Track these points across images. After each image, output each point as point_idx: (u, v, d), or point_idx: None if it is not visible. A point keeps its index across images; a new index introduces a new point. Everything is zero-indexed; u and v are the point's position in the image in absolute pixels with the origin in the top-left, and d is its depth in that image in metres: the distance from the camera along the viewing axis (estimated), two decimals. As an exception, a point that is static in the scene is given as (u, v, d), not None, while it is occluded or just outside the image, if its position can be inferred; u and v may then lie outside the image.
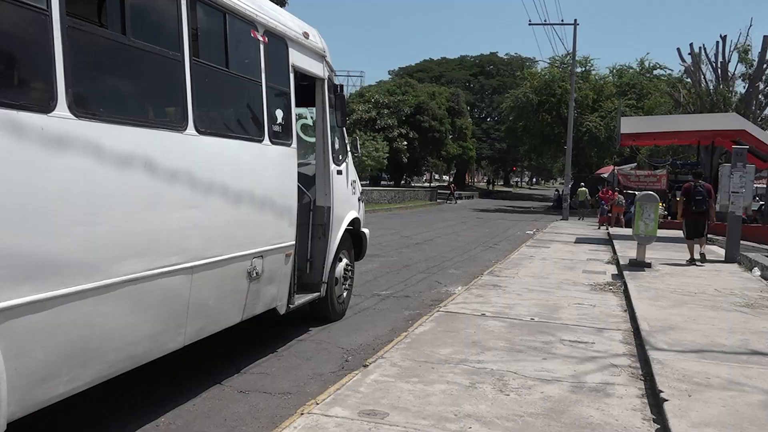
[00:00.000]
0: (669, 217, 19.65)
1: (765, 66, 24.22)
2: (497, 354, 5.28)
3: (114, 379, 3.69)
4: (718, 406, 4.01)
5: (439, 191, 44.62)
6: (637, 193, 25.51)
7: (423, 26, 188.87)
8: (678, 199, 12.42)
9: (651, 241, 10.79)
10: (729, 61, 25.77)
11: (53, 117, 3.00)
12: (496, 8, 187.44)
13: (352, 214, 7.03)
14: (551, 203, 43.36)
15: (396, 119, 41.46)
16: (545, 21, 36.62)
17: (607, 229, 21.93)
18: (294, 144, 5.61)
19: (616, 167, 32.74)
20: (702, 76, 26.33)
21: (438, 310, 6.91)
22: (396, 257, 12.45)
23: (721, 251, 12.74)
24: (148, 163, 3.67)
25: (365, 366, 4.83)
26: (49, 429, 3.83)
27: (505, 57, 70.32)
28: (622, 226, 21.45)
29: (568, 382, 4.62)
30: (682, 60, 26.81)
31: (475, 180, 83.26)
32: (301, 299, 5.97)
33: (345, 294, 7.00)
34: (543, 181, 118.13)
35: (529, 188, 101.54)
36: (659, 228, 11.40)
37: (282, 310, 5.62)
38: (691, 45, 26.29)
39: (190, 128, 4.07)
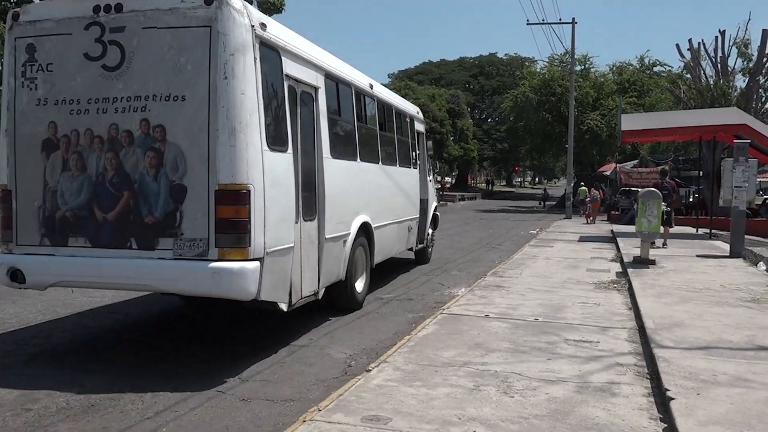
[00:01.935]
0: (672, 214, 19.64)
1: (765, 60, 24.05)
2: (501, 355, 5.24)
3: (118, 387, 4.40)
4: (726, 404, 3.96)
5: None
6: (628, 190, 25.76)
7: (421, 28, 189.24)
8: None
9: (654, 237, 10.76)
10: (729, 56, 25.63)
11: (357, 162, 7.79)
12: (494, 9, 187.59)
13: (434, 204, 12.48)
14: (538, 202, 43.97)
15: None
16: (543, 20, 36.41)
17: (590, 222, 22.68)
18: (418, 168, 11.24)
19: (618, 165, 32.69)
20: (702, 72, 26.19)
21: (441, 313, 6.87)
22: (398, 260, 12.39)
23: (726, 246, 12.67)
24: (392, 180, 9.29)
25: (368, 371, 4.79)
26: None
27: (505, 57, 70.31)
28: (593, 221, 23.55)
29: (573, 382, 4.57)
30: (682, 56, 26.68)
31: (478, 181, 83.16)
32: (418, 246, 11.14)
33: (430, 250, 12.36)
34: (546, 181, 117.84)
35: (532, 188, 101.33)
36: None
37: (414, 249, 10.96)
38: (690, 41, 26.04)
39: (397, 165, 9.64)
